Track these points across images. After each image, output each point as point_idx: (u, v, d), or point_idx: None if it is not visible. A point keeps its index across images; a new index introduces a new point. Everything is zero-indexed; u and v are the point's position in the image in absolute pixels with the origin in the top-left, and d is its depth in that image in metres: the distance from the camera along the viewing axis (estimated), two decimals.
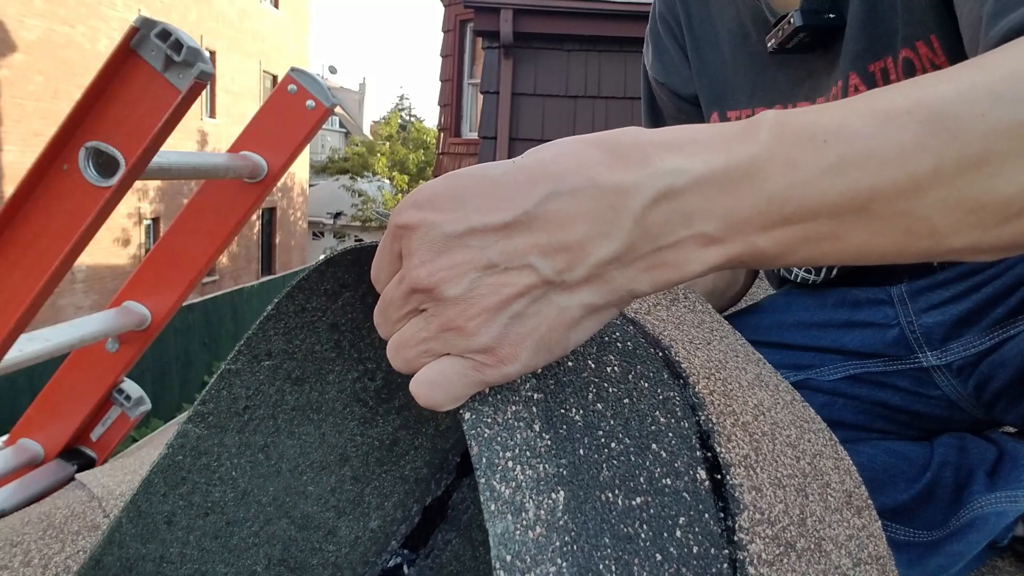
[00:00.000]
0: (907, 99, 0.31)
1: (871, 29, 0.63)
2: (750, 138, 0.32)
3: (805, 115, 0.32)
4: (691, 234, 0.31)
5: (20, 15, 9.70)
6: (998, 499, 0.66)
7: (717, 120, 0.80)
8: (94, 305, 10.69)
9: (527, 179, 0.31)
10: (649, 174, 0.31)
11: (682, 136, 0.32)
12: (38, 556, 0.64)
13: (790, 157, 0.31)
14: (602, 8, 5.21)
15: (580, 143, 0.33)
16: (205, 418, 0.52)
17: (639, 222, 0.31)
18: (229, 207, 1.05)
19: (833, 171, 0.30)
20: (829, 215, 0.31)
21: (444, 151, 7.00)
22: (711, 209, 0.31)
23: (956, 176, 0.30)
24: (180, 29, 0.74)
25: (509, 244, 0.31)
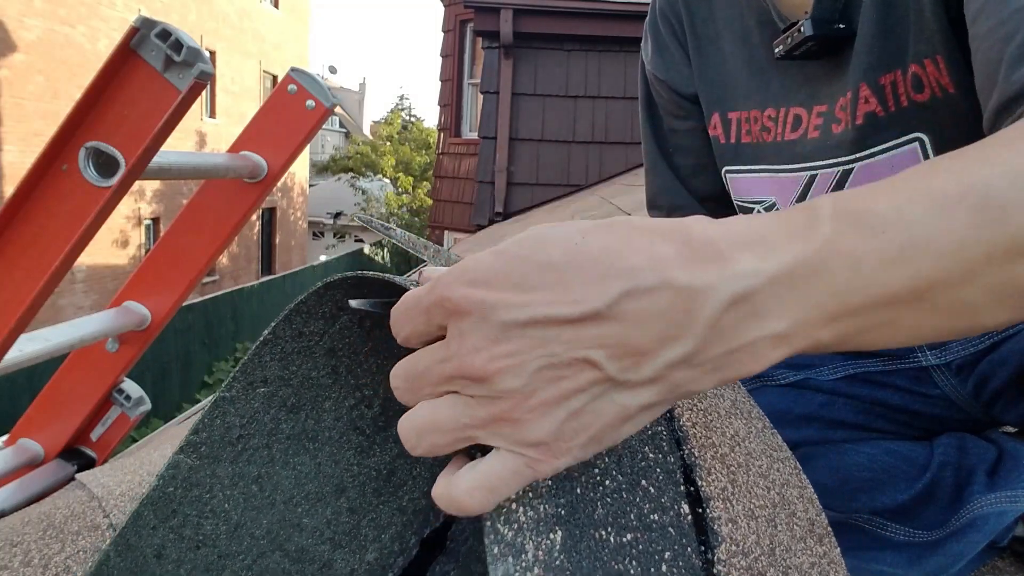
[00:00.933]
0: (959, 184, 0.31)
1: (883, 41, 0.62)
2: (813, 232, 0.31)
3: (861, 200, 0.32)
4: (763, 335, 0.31)
5: (20, 15, 9.70)
6: (998, 499, 0.66)
7: (718, 120, 0.80)
8: (94, 305, 10.69)
9: (597, 273, 0.30)
10: (725, 276, 0.30)
11: (751, 232, 0.31)
12: (38, 556, 0.64)
13: (852, 251, 0.31)
14: (602, 8, 5.21)
15: (649, 233, 0.31)
16: (197, 448, 0.50)
17: (713, 325, 0.30)
18: (229, 207, 1.05)
19: (893, 263, 0.31)
20: (887, 305, 0.31)
21: (444, 151, 7.00)
22: (782, 309, 0.31)
23: (1005, 263, 0.31)
24: (180, 29, 0.74)
25: (575, 338, 0.30)
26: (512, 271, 0.31)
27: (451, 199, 6.78)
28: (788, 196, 0.76)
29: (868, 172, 0.69)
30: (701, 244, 0.31)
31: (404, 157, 19.79)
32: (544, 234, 0.31)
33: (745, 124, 0.77)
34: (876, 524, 0.70)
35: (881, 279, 0.31)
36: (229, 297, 11.08)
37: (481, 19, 5.41)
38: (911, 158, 0.66)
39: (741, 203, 0.81)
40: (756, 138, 0.76)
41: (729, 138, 0.79)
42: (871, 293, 0.31)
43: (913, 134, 0.65)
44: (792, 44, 0.66)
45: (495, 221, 5.43)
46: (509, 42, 5.32)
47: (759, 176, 0.78)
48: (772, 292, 0.30)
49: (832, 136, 0.69)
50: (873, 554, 0.69)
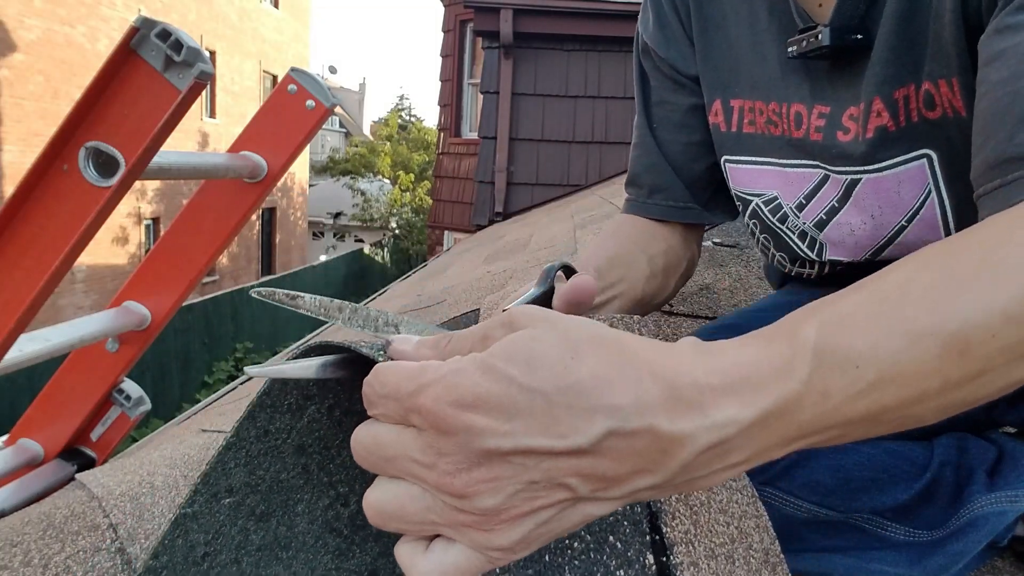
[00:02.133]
0: (932, 317, 0.34)
1: (900, 56, 0.62)
2: (794, 372, 0.33)
3: (843, 336, 0.34)
4: (724, 466, 0.34)
5: (20, 15, 9.70)
6: (998, 499, 0.66)
7: (719, 107, 0.79)
8: (94, 305, 10.70)
9: (584, 407, 0.31)
10: (705, 427, 0.32)
11: (736, 372, 0.33)
12: (38, 556, 0.64)
13: (825, 388, 0.33)
14: (602, 8, 5.21)
15: (639, 366, 0.32)
16: (158, 574, 0.46)
17: (684, 466, 0.32)
18: (229, 207, 1.05)
19: (859, 395, 0.33)
20: (842, 426, 0.34)
21: (444, 151, 7.00)
22: (748, 447, 0.33)
23: (956, 388, 0.34)
24: (180, 29, 0.74)
25: (554, 467, 0.31)
26: (499, 395, 0.31)
27: (451, 199, 6.78)
28: (796, 191, 0.76)
29: (875, 185, 0.69)
30: (687, 389, 0.32)
31: (401, 157, 19.78)
32: (533, 352, 0.32)
33: (748, 114, 0.77)
34: (876, 524, 0.70)
35: (845, 409, 0.34)
36: (229, 297, 11.07)
37: (481, 19, 5.40)
38: (919, 174, 0.66)
39: (740, 193, 0.81)
40: (762, 129, 0.76)
41: (730, 127, 0.79)
42: (830, 422, 0.34)
43: (922, 150, 0.65)
44: (807, 48, 0.66)
45: (495, 221, 5.43)
46: (509, 42, 5.32)
47: (762, 168, 0.77)
48: (744, 437, 0.33)
49: (838, 144, 0.69)
50: (873, 554, 0.69)
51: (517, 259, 2.22)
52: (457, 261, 3.27)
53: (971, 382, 0.34)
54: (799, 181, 0.75)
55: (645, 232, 0.83)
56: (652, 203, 0.84)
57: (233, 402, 1.56)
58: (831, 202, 0.73)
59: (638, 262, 0.77)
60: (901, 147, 0.65)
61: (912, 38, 0.61)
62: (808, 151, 0.72)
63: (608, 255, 0.75)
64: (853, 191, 0.70)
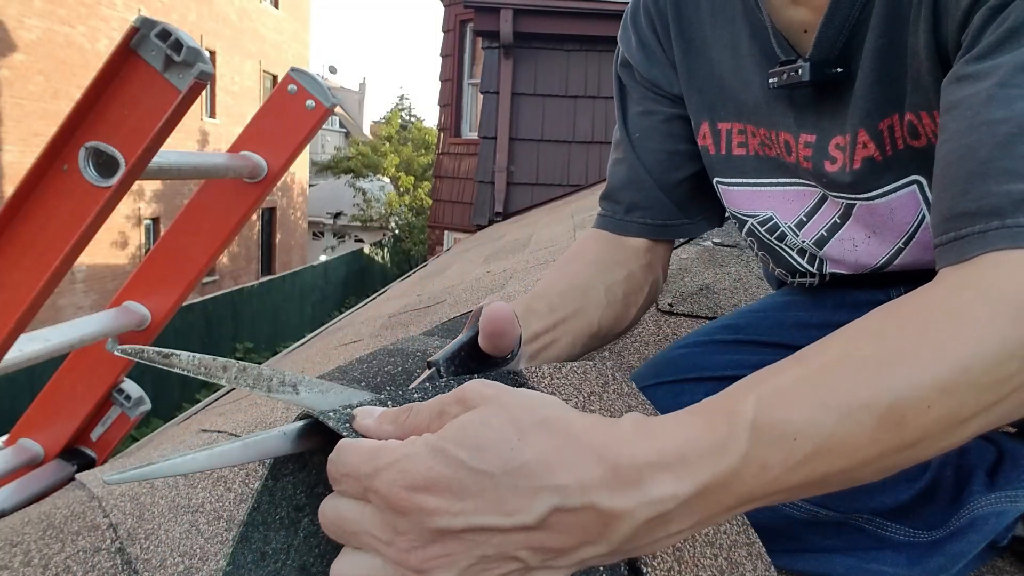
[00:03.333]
0: (869, 390, 0.36)
1: (882, 88, 0.62)
2: (732, 446, 0.36)
3: (780, 411, 0.36)
4: (667, 534, 0.36)
5: (20, 15, 9.70)
6: (998, 499, 0.66)
7: (707, 130, 0.78)
8: (94, 305, 10.69)
9: (529, 487, 0.33)
10: (644, 503, 0.34)
11: (674, 450, 0.36)
12: (38, 556, 0.64)
13: (764, 461, 0.36)
14: (602, 8, 5.21)
15: (579, 452, 0.35)
16: None
17: (627, 537, 0.35)
18: (229, 207, 1.05)
19: (798, 466, 0.36)
20: (783, 493, 0.37)
21: (444, 151, 7.00)
22: (689, 517, 0.36)
23: (894, 455, 0.37)
24: (180, 29, 0.74)
25: (504, 542, 0.34)
26: (449, 478, 0.34)
27: (451, 199, 6.77)
28: (796, 209, 0.75)
29: (869, 211, 0.69)
30: (625, 468, 0.35)
31: (406, 157, 19.80)
32: (481, 435, 0.34)
33: (738, 136, 0.76)
34: (876, 524, 0.70)
35: (784, 479, 0.36)
36: (229, 297, 11.07)
37: (481, 19, 5.40)
38: (911, 199, 0.66)
39: (736, 214, 0.81)
40: (755, 151, 0.75)
41: (719, 149, 0.78)
42: (772, 490, 0.36)
43: (911, 176, 0.65)
44: (787, 82, 0.66)
45: (495, 221, 5.43)
46: (509, 42, 5.32)
47: (756, 190, 0.77)
48: (683, 509, 0.35)
49: (826, 173, 0.69)
50: (873, 554, 0.69)
51: (517, 259, 2.22)
52: (457, 261, 3.28)
53: (909, 449, 0.37)
54: (798, 199, 0.75)
55: (605, 256, 0.81)
56: (629, 220, 0.82)
57: (233, 401, 1.56)
58: (833, 218, 0.73)
59: (594, 292, 0.75)
60: (890, 175, 0.66)
61: (892, 72, 0.61)
62: (802, 174, 0.73)
63: (560, 289, 0.74)
64: (852, 211, 0.71)
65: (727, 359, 0.74)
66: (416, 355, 1.07)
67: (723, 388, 0.72)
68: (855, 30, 0.63)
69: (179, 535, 0.69)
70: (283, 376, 0.47)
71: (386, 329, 1.68)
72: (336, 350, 1.69)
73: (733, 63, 0.74)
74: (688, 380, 0.73)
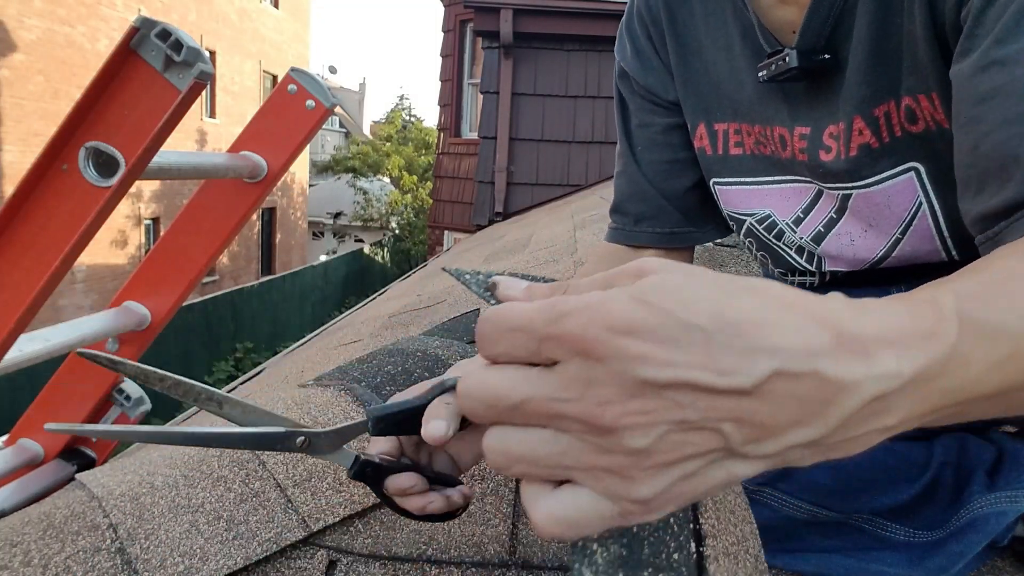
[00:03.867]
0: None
1: (877, 73, 0.62)
2: (942, 334, 0.32)
3: (978, 309, 0.34)
4: (878, 428, 0.32)
5: (20, 15, 9.70)
6: (998, 499, 0.66)
7: (704, 131, 0.78)
8: (94, 305, 10.70)
9: (746, 347, 0.29)
10: (871, 376, 0.30)
11: (891, 328, 0.32)
12: (38, 556, 0.64)
13: (968, 355, 0.33)
14: (602, 8, 5.21)
15: (799, 315, 0.30)
16: None
17: (844, 420, 0.30)
18: (229, 207, 1.05)
19: (994, 369, 0.33)
20: (975, 401, 0.34)
21: (444, 151, 7.00)
22: (904, 407, 0.32)
23: None
24: (180, 29, 0.74)
25: (711, 407, 0.29)
26: (657, 324, 0.29)
27: (451, 199, 6.77)
28: (792, 206, 0.75)
29: (865, 199, 0.69)
30: (851, 338, 0.30)
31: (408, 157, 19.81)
32: (686, 289, 0.30)
33: (735, 136, 0.76)
34: (876, 524, 0.70)
35: (983, 382, 0.33)
36: (229, 297, 11.08)
37: (481, 19, 5.40)
38: (908, 186, 0.66)
39: (732, 214, 0.81)
40: (751, 150, 0.76)
41: (716, 149, 0.78)
42: (971, 393, 0.33)
43: (908, 163, 0.65)
44: (776, 72, 0.66)
45: (495, 221, 5.43)
46: (509, 42, 5.32)
47: (752, 188, 0.77)
48: (903, 393, 0.31)
49: (821, 163, 0.69)
50: (873, 554, 0.69)
51: (517, 259, 2.22)
52: (457, 261, 3.28)
53: None
54: (795, 196, 0.75)
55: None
56: (639, 231, 0.84)
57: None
58: (829, 213, 0.73)
59: None
60: (887, 162, 0.65)
61: (886, 56, 0.61)
62: (798, 170, 0.73)
63: None
64: (848, 204, 0.71)
65: None
66: (416, 355, 1.07)
67: None
68: (841, 18, 0.63)
69: (179, 535, 0.69)
70: (211, 392, 0.52)
71: (386, 329, 1.68)
72: (336, 350, 1.69)
73: (728, 63, 0.74)
74: None
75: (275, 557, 0.71)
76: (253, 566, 0.69)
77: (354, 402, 0.92)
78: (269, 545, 0.70)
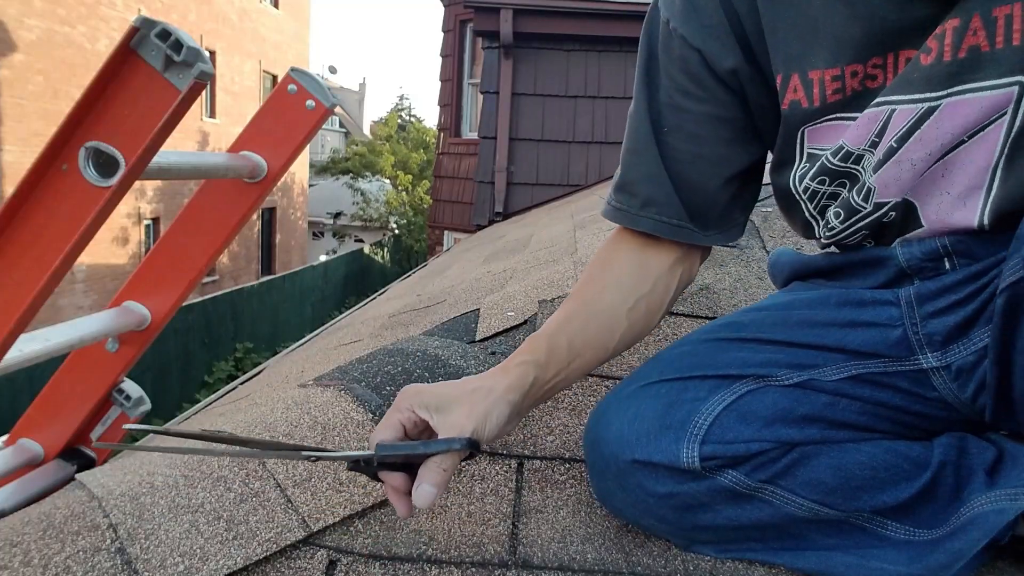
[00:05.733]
0: None
1: None
2: None
3: None
4: None
5: (20, 15, 9.70)
6: (998, 497, 0.66)
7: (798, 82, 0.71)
8: (94, 305, 10.69)
9: None
10: None
11: None
12: (38, 556, 0.64)
13: None
14: (602, 8, 5.20)
15: None
16: None
17: None
18: (229, 207, 1.05)
19: None
20: None
21: (444, 151, 7.00)
22: None
23: None
24: (180, 29, 0.74)
25: None
26: None
27: (451, 199, 6.77)
28: (863, 136, 0.70)
29: (954, 111, 0.64)
30: None
31: (402, 156, 19.81)
32: None
33: (834, 82, 0.70)
34: (876, 523, 0.70)
35: None
36: (229, 297, 11.07)
37: (481, 19, 5.40)
38: (1004, 102, 0.61)
39: (813, 150, 0.75)
40: (852, 90, 0.70)
41: (812, 101, 0.72)
42: None
43: (1015, 77, 0.60)
44: None
45: (495, 221, 5.42)
46: (509, 42, 5.31)
47: (843, 123, 0.72)
48: None
49: (919, 68, 0.64)
50: (873, 552, 0.69)
51: (517, 259, 2.22)
52: (457, 261, 3.27)
53: None
54: (866, 124, 0.70)
55: (635, 269, 0.80)
56: (644, 216, 0.79)
57: (233, 402, 1.56)
58: (904, 127, 0.67)
59: (615, 318, 0.77)
60: (992, 71, 0.61)
61: None
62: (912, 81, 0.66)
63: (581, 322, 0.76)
64: (926, 121, 0.65)
65: (731, 357, 0.74)
66: (416, 355, 1.07)
67: (727, 386, 0.72)
68: None
69: (179, 535, 0.69)
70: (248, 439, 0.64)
71: (386, 329, 1.68)
72: (336, 350, 1.69)
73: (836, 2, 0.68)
74: (692, 378, 0.73)
75: (275, 557, 0.71)
76: (253, 566, 0.69)
77: (354, 402, 0.91)
78: (269, 545, 0.70)
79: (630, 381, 0.77)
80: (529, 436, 0.92)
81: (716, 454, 0.68)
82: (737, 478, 0.69)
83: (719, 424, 0.69)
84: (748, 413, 0.70)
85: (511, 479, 0.85)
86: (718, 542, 0.73)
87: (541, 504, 0.81)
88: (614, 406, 0.74)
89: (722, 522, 0.71)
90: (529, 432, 0.93)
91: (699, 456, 0.68)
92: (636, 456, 0.70)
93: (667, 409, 0.70)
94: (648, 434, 0.70)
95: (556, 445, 0.91)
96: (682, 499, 0.70)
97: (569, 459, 0.89)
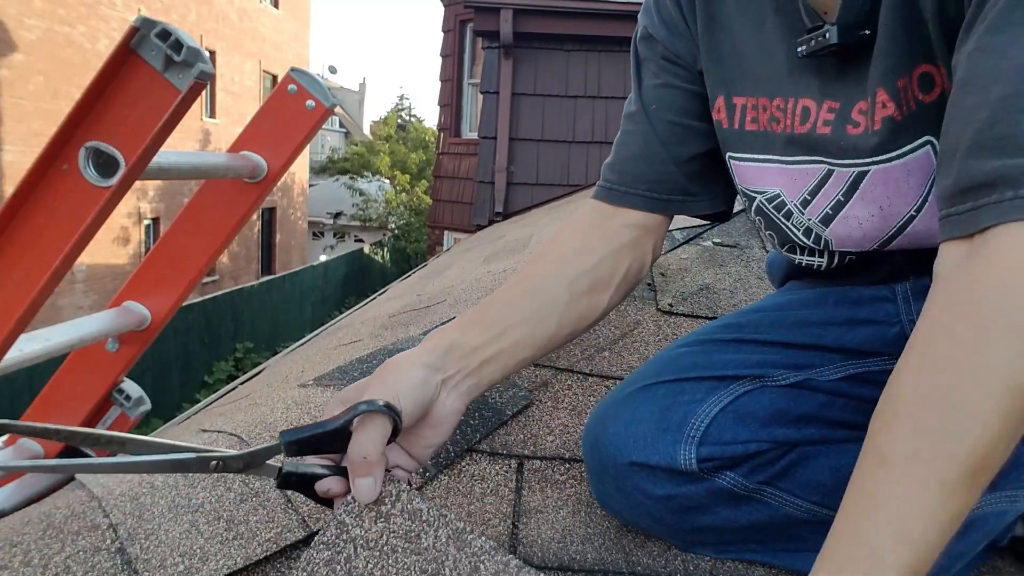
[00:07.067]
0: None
1: (898, 45, 0.62)
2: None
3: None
4: None
5: (20, 15, 9.70)
6: (998, 499, 0.66)
7: (722, 104, 0.78)
8: (94, 305, 10.69)
9: None
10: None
11: None
12: (38, 556, 0.64)
13: None
14: (602, 8, 5.20)
15: None
16: None
17: None
18: (229, 207, 1.05)
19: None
20: None
21: (444, 151, 7.00)
22: None
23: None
24: (180, 29, 0.74)
25: None
26: None
27: (451, 199, 6.77)
28: (799, 187, 0.75)
29: (884, 175, 0.68)
30: None
31: (400, 156, 19.81)
32: None
33: (751, 111, 0.76)
34: None
35: None
36: (229, 297, 11.07)
37: (481, 19, 5.40)
38: (926, 161, 0.65)
39: (746, 190, 0.80)
40: (764, 127, 0.75)
41: (732, 123, 0.78)
42: None
43: (924, 136, 0.64)
44: (816, 47, 0.66)
45: (495, 221, 5.42)
46: (509, 42, 5.31)
47: (764, 165, 0.77)
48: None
49: (847, 137, 0.69)
50: None
51: (517, 259, 2.22)
52: (457, 261, 3.27)
53: None
54: (802, 177, 0.75)
55: (584, 239, 0.81)
56: (633, 192, 0.82)
57: (233, 402, 1.56)
58: (836, 196, 0.72)
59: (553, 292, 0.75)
60: (907, 136, 0.65)
61: (907, 28, 0.61)
62: (811, 146, 0.72)
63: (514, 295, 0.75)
64: (860, 184, 0.70)
65: (728, 358, 0.74)
66: None
67: (723, 387, 0.72)
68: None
69: (179, 535, 0.69)
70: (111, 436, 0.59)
71: (386, 329, 1.68)
72: (336, 350, 1.69)
73: (756, 37, 0.74)
74: (689, 379, 0.73)
75: (275, 557, 0.71)
76: (253, 566, 0.69)
77: None
78: (269, 545, 0.70)
79: (629, 382, 0.77)
80: (529, 436, 0.92)
81: (713, 455, 0.68)
82: (735, 479, 0.69)
83: (716, 425, 0.69)
84: (745, 414, 0.70)
85: (511, 479, 0.85)
86: (717, 544, 0.73)
87: (541, 504, 0.81)
88: (613, 408, 0.74)
89: (720, 524, 0.71)
90: (529, 432, 0.93)
91: (696, 458, 0.68)
92: (634, 458, 0.70)
93: (664, 411, 0.71)
94: (646, 436, 0.70)
95: (556, 445, 0.91)
96: (680, 501, 0.70)
97: (569, 459, 0.89)
